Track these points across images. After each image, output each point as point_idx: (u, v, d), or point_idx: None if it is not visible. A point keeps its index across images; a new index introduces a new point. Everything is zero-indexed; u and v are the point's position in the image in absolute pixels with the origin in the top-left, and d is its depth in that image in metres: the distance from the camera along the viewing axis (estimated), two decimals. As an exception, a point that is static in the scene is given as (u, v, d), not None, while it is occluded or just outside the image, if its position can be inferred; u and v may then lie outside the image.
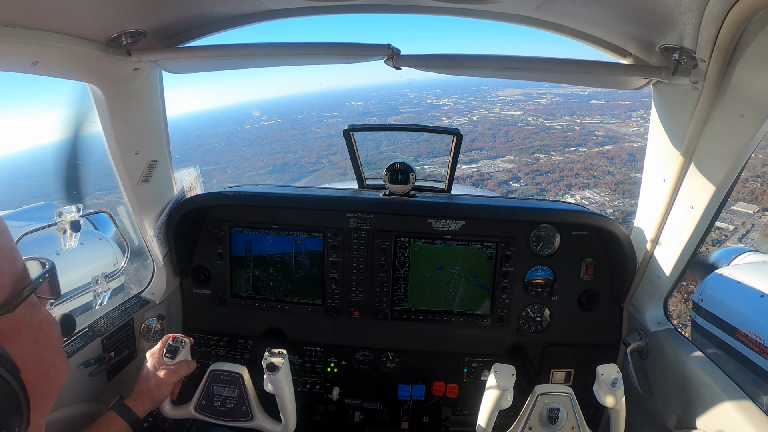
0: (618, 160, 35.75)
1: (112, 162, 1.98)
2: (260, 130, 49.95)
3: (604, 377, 1.81)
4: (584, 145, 40.07)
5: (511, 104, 53.33)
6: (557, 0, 1.55)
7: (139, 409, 1.85)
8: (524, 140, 41.70)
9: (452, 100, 57.91)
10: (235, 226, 2.52)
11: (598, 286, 2.48)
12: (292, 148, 45.15)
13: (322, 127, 51.36)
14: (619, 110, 45.55)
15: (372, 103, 62.72)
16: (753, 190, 23.33)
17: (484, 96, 56.96)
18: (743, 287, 3.45)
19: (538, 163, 37.40)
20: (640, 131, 40.09)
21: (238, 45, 1.72)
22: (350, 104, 63.69)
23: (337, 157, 40.22)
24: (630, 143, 38.23)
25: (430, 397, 2.52)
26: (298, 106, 71.78)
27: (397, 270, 2.49)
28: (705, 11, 1.24)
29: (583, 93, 48.86)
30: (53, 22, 1.37)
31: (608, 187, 31.05)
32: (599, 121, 45.02)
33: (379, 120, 53.15)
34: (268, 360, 1.88)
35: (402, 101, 61.69)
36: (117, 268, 2.74)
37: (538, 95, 53.37)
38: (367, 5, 1.82)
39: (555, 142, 41.09)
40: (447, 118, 50.94)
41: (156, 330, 2.36)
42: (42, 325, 0.82)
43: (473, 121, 48.84)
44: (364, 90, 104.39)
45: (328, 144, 44.88)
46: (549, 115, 48.23)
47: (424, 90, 64.30)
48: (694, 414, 1.88)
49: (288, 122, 54.93)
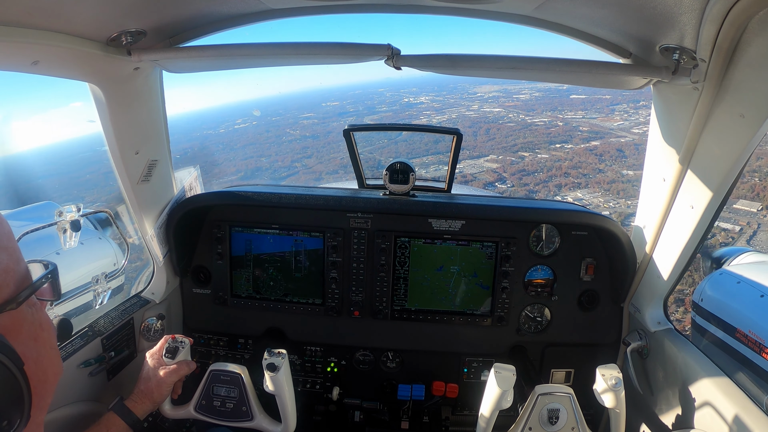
0: (607, 157, 34.90)
1: (112, 161, 1.98)
2: (234, 133, 48.66)
3: (605, 378, 1.81)
4: (569, 141, 39.33)
5: (490, 101, 52.57)
6: (557, 0, 1.55)
7: (139, 409, 1.85)
8: (507, 138, 40.77)
9: (429, 98, 57.12)
10: (235, 226, 2.52)
11: (598, 286, 2.48)
12: (266, 151, 43.98)
13: (297, 129, 50.38)
14: (600, 104, 44.88)
15: (348, 102, 61.84)
16: (753, 186, 22.99)
17: (462, 93, 56.11)
18: (743, 287, 3.45)
19: (524, 162, 36.34)
20: (625, 125, 39.44)
21: (238, 45, 1.71)
22: (326, 104, 62.68)
23: (312, 161, 39.20)
24: (617, 138, 37.51)
25: (430, 397, 2.52)
26: (273, 108, 70.07)
27: (397, 270, 2.49)
28: (705, 11, 1.24)
29: (561, 88, 47.79)
30: (53, 21, 1.37)
31: (601, 186, 30.28)
32: (582, 116, 44.36)
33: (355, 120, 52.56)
34: (268, 360, 1.88)
35: (378, 100, 60.76)
36: (117, 267, 2.74)
37: (516, 91, 52.63)
38: (367, 5, 1.82)
39: (539, 139, 40.28)
40: (425, 116, 50.18)
41: (156, 330, 2.36)
42: (42, 324, 0.85)
43: (452, 119, 48.00)
44: (340, 90, 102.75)
45: (302, 146, 43.85)
46: (530, 111, 47.41)
47: (400, 88, 63.37)
48: (694, 414, 1.88)
49: (263, 124, 53.64)
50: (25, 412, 0.75)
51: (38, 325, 0.83)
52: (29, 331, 0.81)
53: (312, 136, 47.50)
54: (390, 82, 72.58)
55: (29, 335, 0.80)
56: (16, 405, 0.74)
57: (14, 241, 0.82)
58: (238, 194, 2.51)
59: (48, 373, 0.84)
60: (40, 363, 0.82)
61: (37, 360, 0.81)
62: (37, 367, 0.80)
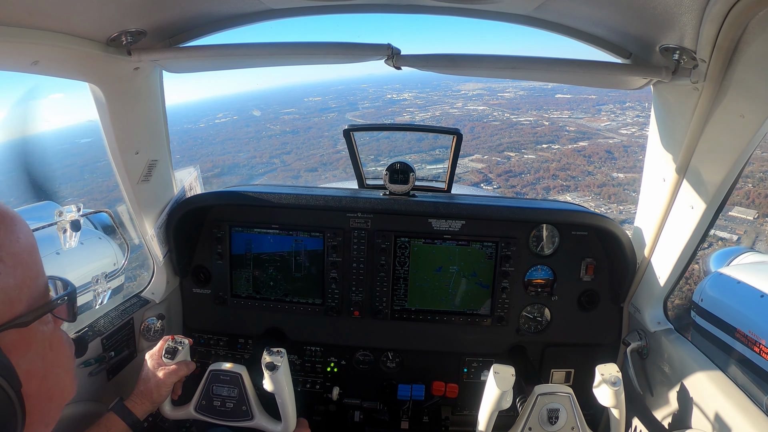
0: (596, 159, 33.96)
1: (112, 161, 1.98)
2: (214, 128, 47.58)
3: (604, 377, 1.81)
4: (556, 141, 38.51)
5: (474, 98, 51.85)
6: (557, 0, 1.55)
7: (139, 410, 1.85)
8: (492, 137, 39.91)
9: (413, 95, 56.32)
10: (235, 226, 2.52)
11: (598, 286, 2.48)
12: (244, 147, 43.07)
13: (278, 124, 49.61)
14: (586, 104, 44.16)
15: (330, 98, 60.98)
16: (748, 192, 22.45)
17: (445, 90, 55.37)
18: (743, 287, 3.46)
19: (510, 162, 35.41)
20: (612, 126, 38.70)
21: (238, 45, 1.71)
22: (308, 100, 61.78)
23: (290, 157, 38.23)
24: (605, 140, 36.73)
25: (430, 397, 2.52)
26: (255, 102, 68.94)
27: (397, 270, 2.49)
28: (705, 11, 1.24)
29: (546, 87, 47.20)
30: (53, 21, 1.37)
31: (591, 190, 29.32)
32: (568, 116, 43.60)
33: (336, 116, 51.58)
34: (267, 359, 1.88)
35: (361, 96, 60.04)
36: (117, 267, 2.74)
37: (500, 89, 51.90)
38: (367, 5, 1.82)
39: (525, 139, 39.39)
40: (408, 113, 49.33)
41: (156, 330, 2.36)
42: (53, 343, 0.83)
43: (435, 116, 47.31)
44: (323, 85, 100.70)
45: (282, 142, 42.84)
46: (514, 109, 46.57)
47: (383, 85, 62.47)
48: (694, 414, 1.88)
49: (243, 119, 52.75)
50: (18, 430, 0.73)
51: (48, 345, 0.81)
52: (38, 349, 0.79)
53: (292, 132, 46.82)
54: (373, 78, 71.66)
55: (37, 353, 0.79)
56: (8, 423, 0.72)
57: (36, 255, 0.80)
58: (238, 194, 2.51)
59: (53, 391, 0.82)
60: (45, 381, 0.80)
61: (43, 378, 0.80)
62: (41, 386, 0.79)
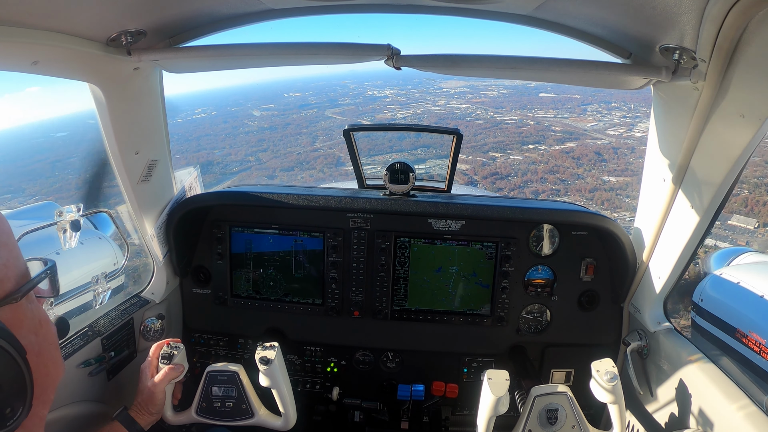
0: (585, 161, 32.75)
1: (112, 161, 1.98)
2: (191, 123, 45.63)
3: (600, 373, 1.81)
4: (543, 142, 37.55)
5: (457, 96, 50.87)
6: (557, 0, 1.55)
7: (142, 420, 1.85)
8: (476, 136, 38.42)
9: (394, 92, 55.02)
10: (235, 226, 2.52)
11: (598, 286, 2.48)
12: (220, 144, 41.71)
13: (255, 120, 48.50)
14: (571, 104, 43.26)
15: (310, 94, 60.05)
16: (745, 199, 21.29)
17: (428, 88, 54.29)
18: (743, 287, 3.46)
19: (495, 163, 34.15)
20: (599, 126, 38.00)
21: (238, 45, 1.72)
22: (288, 95, 60.61)
23: (266, 155, 36.91)
24: (593, 140, 35.84)
25: (430, 397, 2.52)
26: (234, 98, 66.92)
27: (396, 270, 2.49)
28: (705, 11, 1.24)
29: (529, 86, 45.81)
30: (53, 21, 1.37)
31: (582, 194, 28.05)
32: (553, 116, 42.69)
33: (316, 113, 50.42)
34: (260, 353, 1.88)
35: (342, 92, 58.95)
36: (117, 267, 2.74)
37: (483, 87, 50.87)
38: (367, 5, 1.83)
39: (510, 139, 38.27)
40: (389, 110, 48.09)
41: (156, 330, 2.36)
42: (42, 320, 0.86)
43: (417, 114, 46.17)
44: (303, 80, 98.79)
45: (258, 139, 41.58)
46: (498, 108, 45.55)
47: (364, 81, 61.25)
48: (694, 414, 1.88)
49: (221, 115, 51.23)
50: (27, 400, 0.75)
51: (37, 321, 0.84)
52: (30, 325, 0.82)
53: (270, 128, 45.70)
54: (354, 75, 70.13)
55: (30, 330, 0.81)
56: (19, 393, 0.74)
57: (13, 238, 0.83)
58: (238, 194, 2.51)
59: (49, 368, 0.85)
60: (41, 357, 0.82)
61: (39, 354, 0.82)
62: (38, 361, 0.81)
